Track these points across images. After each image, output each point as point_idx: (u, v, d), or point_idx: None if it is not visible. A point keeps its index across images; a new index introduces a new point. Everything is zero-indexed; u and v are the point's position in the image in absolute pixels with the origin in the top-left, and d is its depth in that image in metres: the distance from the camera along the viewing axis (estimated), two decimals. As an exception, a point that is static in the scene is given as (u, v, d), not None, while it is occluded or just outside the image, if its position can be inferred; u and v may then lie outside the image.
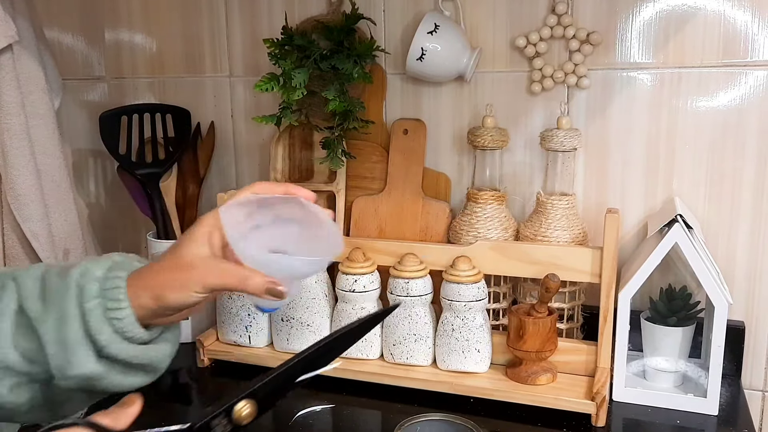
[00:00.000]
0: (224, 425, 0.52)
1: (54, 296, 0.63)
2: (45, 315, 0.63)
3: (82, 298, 0.63)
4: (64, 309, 0.62)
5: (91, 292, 0.63)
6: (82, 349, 0.62)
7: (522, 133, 1.11)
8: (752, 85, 1.00)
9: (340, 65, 1.07)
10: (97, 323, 0.62)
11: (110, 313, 0.63)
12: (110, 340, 0.62)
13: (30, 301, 0.64)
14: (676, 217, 0.93)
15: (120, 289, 0.63)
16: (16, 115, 1.06)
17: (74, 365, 0.62)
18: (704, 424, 0.92)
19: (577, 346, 0.99)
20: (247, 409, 0.52)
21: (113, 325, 0.63)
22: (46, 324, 0.62)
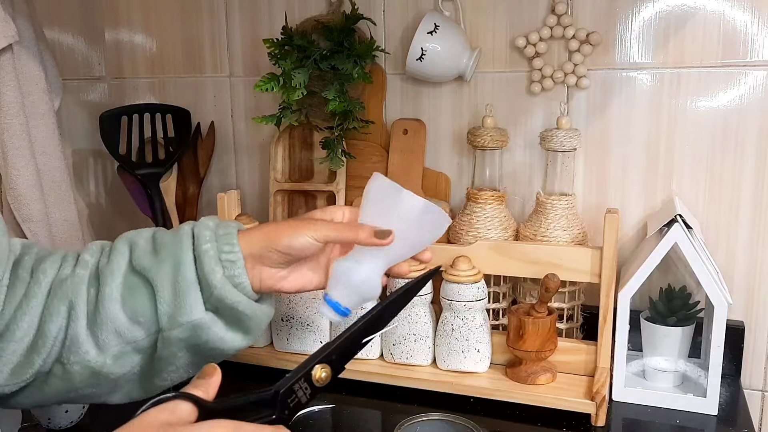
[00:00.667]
0: (304, 389, 0.56)
1: (167, 247, 0.67)
2: (159, 265, 0.66)
3: (198, 242, 0.67)
4: (178, 256, 0.66)
5: (205, 236, 0.67)
6: (193, 293, 0.65)
7: (522, 133, 1.11)
8: (752, 85, 1.00)
9: (340, 65, 1.07)
10: (210, 264, 0.66)
11: (223, 255, 0.66)
12: (221, 282, 0.66)
13: (142, 258, 0.67)
14: (675, 217, 0.93)
15: (232, 235, 0.68)
16: (16, 115, 1.06)
17: (185, 310, 0.65)
18: (704, 423, 0.92)
19: (576, 345, 0.99)
20: (323, 372, 0.57)
21: (225, 268, 0.66)
22: (160, 273, 0.66)
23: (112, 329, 0.66)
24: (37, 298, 0.66)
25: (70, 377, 0.67)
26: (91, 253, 0.70)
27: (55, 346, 0.66)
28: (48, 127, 1.13)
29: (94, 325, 0.66)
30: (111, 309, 0.65)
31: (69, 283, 0.67)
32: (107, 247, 0.71)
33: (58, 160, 1.14)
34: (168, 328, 0.66)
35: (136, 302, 0.66)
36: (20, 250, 0.71)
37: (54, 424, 0.90)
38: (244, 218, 1.05)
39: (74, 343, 0.66)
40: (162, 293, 0.66)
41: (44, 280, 0.67)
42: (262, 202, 1.27)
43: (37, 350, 0.65)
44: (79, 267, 0.68)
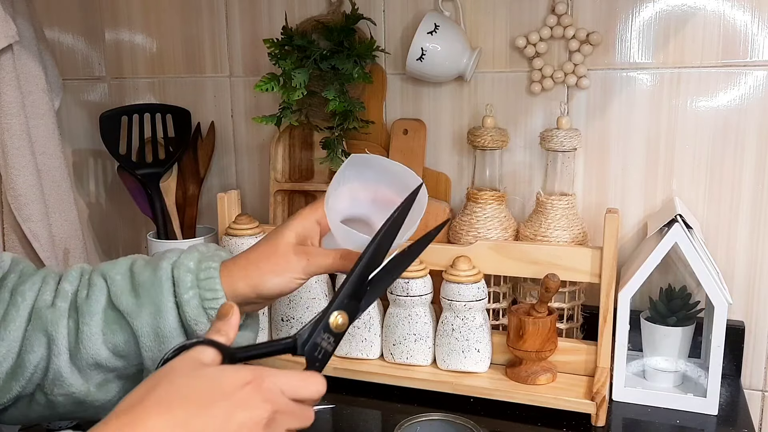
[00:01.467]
0: (327, 338, 0.57)
1: (147, 290, 0.65)
2: (139, 309, 0.65)
3: (179, 289, 0.65)
4: (159, 302, 0.65)
5: (186, 283, 0.65)
6: (176, 339, 0.65)
7: (522, 133, 1.11)
8: (752, 85, 1.00)
9: (340, 65, 1.07)
10: (194, 314, 0.65)
11: (207, 303, 0.65)
12: (206, 329, 0.64)
13: (121, 297, 0.66)
14: (675, 217, 0.93)
15: (215, 279, 0.66)
16: (16, 115, 1.06)
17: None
18: (704, 423, 0.92)
19: (576, 345, 0.99)
20: (340, 318, 0.58)
21: (209, 315, 0.65)
22: (140, 318, 0.65)
23: (93, 362, 0.66)
24: (16, 323, 0.66)
25: (54, 406, 0.67)
26: (70, 282, 0.69)
27: (35, 374, 0.66)
28: (48, 127, 1.13)
29: (76, 359, 0.66)
30: (92, 346, 0.65)
31: (49, 316, 0.66)
32: (86, 275, 0.69)
33: (58, 159, 1.14)
34: (153, 367, 0.66)
35: (117, 339, 0.66)
36: (8, 267, 0.70)
37: (54, 424, 0.90)
38: (244, 218, 1.05)
39: (57, 377, 0.65)
40: (144, 340, 0.65)
41: (23, 305, 0.66)
42: (262, 202, 1.27)
43: (16, 378, 0.65)
44: (58, 298, 0.67)
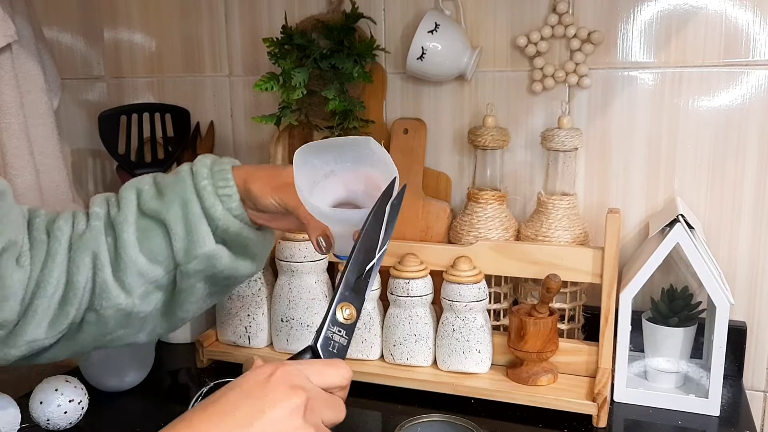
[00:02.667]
0: (338, 332, 0.58)
1: (171, 188, 0.72)
2: (168, 205, 0.71)
3: (196, 179, 0.72)
4: (183, 194, 0.72)
5: (203, 173, 0.72)
6: (203, 225, 0.71)
7: (523, 133, 1.11)
8: (754, 84, 0.99)
9: (340, 64, 1.07)
10: (210, 199, 0.71)
11: (220, 190, 0.72)
12: (222, 215, 0.71)
13: (150, 202, 0.72)
14: (677, 217, 0.92)
15: (226, 170, 0.73)
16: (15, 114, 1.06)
17: (198, 243, 0.71)
18: (706, 424, 0.92)
19: (578, 346, 0.98)
20: (347, 310, 0.59)
21: (223, 202, 0.72)
22: (170, 212, 0.71)
23: (135, 271, 0.71)
24: (60, 254, 0.71)
25: (104, 321, 0.72)
26: (99, 205, 0.74)
27: (85, 295, 0.71)
28: (47, 126, 1.13)
29: (118, 271, 0.71)
30: (131, 253, 0.71)
31: (88, 236, 0.71)
32: (112, 198, 0.75)
33: (57, 159, 1.14)
34: (185, 262, 0.71)
35: (152, 243, 0.71)
36: (29, 215, 0.74)
37: (53, 425, 0.89)
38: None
39: (104, 290, 0.71)
40: (175, 230, 0.71)
41: (63, 237, 0.71)
42: (262, 201, 1.27)
43: (70, 301, 0.70)
44: (93, 219, 0.73)
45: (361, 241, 0.61)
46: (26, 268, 0.69)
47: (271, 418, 0.47)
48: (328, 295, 1.05)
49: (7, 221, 0.69)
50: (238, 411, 0.47)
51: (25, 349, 0.70)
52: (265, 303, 1.08)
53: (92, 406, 0.93)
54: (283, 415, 0.47)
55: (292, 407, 0.48)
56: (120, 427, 0.93)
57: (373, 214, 0.61)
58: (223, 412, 0.47)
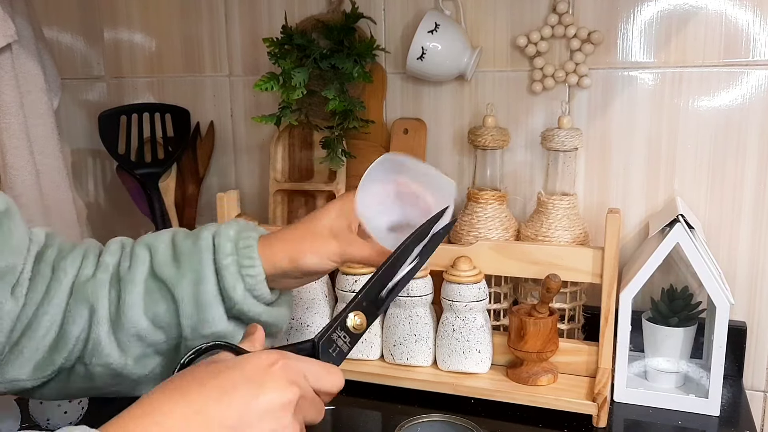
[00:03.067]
0: (343, 337, 0.58)
1: (188, 258, 0.67)
2: (180, 277, 0.67)
3: (218, 256, 0.67)
4: (199, 269, 0.66)
5: (226, 250, 0.67)
6: (215, 307, 0.66)
7: (523, 133, 1.11)
8: (754, 84, 0.99)
9: (340, 64, 1.07)
10: (231, 280, 0.66)
11: (244, 270, 0.67)
12: (242, 297, 0.67)
13: (163, 267, 0.67)
14: (677, 217, 0.92)
15: (253, 247, 0.68)
16: (15, 114, 1.06)
17: (208, 323, 0.66)
18: (706, 425, 0.92)
19: (578, 346, 0.98)
20: (358, 319, 0.58)
21: (245, 282, 0.67)
22: (181, 286, 0.66)
23: (133, 333, 0.67)
24: (58, 297, 0.67)
25: (92, 377, 0.68)
26: (111, 254, 0.70)
27: (77, 346, 0.67)
28: (47, 126, 1.13)
29: (116, 329, 0.67)
30: (133, 315, 0.66)
31: (90, 287, 0.67)
32: (128, 247, 0.71)
33: (56, 159, 1.14)
34: (191, 338, 0.67)
35: (158, 309, 0.67)
36: (44, 242, 0.71)
37: (53, 425, 0.89)
38: (243, 218, 1.04)
39: (96, 346, 0.67)
40: (184, 307, 0.67)
41: (65, 279, 0.68)
42: (262, 202, 1.27)
43: (59, 350, 0.66)
44: (99, 270, 0.68)
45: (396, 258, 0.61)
46: (20, 300, 0.66)
47: (263, 405, 0.48)
48: (328, 295, 1.05)
49: (8, 245, 0.65)
50: (236, 392, 0.48)
51: (6, 386, 0.67)
52: (265, 303, 1.07)
53: (92, 406, 0.93)
54: (274, 406, 0.48)
55: (284, 401, 0.49)
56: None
57: (416, 235, 0.62)
58: (222, 392, 0.48)
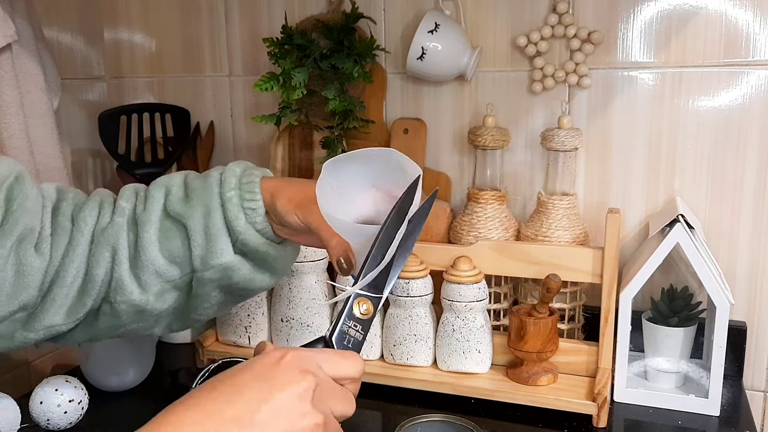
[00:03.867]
0: (353, 326, 0.57)
1: (198, 193, 0.72)
2: (191, 210, 0.71)
3: (223, 189, 0.71)
4: (208, 202, 0.71)
5: (230, 184, 0.72)
6: (222, 237, 0.71)
7: (523, 133, 1.11)
8: (754, 84, 0.99)
9: (340, 64, 1.07)
10: (234, 210, 0.71)
11: (245, 203, 0.71)
12: (244, 228, 0.71)
13: (176, 204, 0.73)
14: (677, 217, 0.92)
15: (255, 183, 0.72)
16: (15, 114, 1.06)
17: (216, 253, 0.71)
18: (706, 424, 0.92)
19: (578, 346, 0.98)
20: (363, 305, 0.58)
21: (247, 215, 0.71)
22: (193, 218, 0.71)
23: (152, 270, 0.72)
24: (81, 245, 0.72)
25: (118, 314, 0.73)
26: (126, 199, 0.75)
27: (102, 287, 0.72)
28: (47, 126, 1.12)
29: (135, 268, 0.72)
30: (150, 252, 0.71)
31: (110, 231, 0.72)
32: (141, 192, 0.75)
33: (57, 159, 1.14)
34: (201, 270, 0.72)
35: (172, 245, 0.72)
36: (56, 196, 0.75)
37: (53, 425, 0.89)
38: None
39: (119, 284, 0.72)
40: (195, 238, 0.71)
41: (86, 228, 0.72)
42: (262, 201, 1.27)
43: (87, 292, 0.72)
44: (117, 215, 0.73)
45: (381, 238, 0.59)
46: (46, 255, 0.71)
47: (279, 401, 0.47)
48: (328, 295, 1.06)
49: (24, 209, 0.69)
50: (247, 392, 0.47)
51: (43, 333, 0.72)
52: (265, 303, 1.08)
53: (92, 406, 0.93)
54: (291, 398, 0.47)
55: (299, 391, 0.47)
56: (120, 427, 0.93)
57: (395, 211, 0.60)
58: (233, 393, 0.47)
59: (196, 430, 0.45)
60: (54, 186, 0.76)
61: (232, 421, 0.45)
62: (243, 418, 0.45)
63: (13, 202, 0.69)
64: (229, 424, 0.45)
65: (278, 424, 0.46)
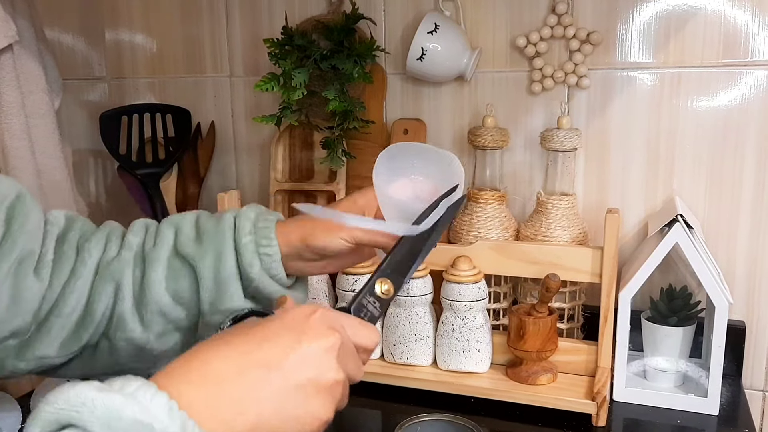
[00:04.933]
0: (372, 303, 0.60)
1: (210, 237, 0.70)
2: (202, 254, 0.69)
3: (238, 234, 0.70)
4: (220, 247, 0.69)
5: (245, 229, 0.70)
6: (234, 283, 0.69)
7: (522, 133, 1.11)
8: (752, 84, 1.00)
9: (340, 65, 1.07)
10: (249, 257, 0.69)
11: (261, 249, 0.69)
12: (259, 275, 0.69)
13: (186, 246, 0.70)
14: (676, 216, 0.92)
15: (270, 228, 0.70)
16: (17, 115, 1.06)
17: (226, 299, 0.69)
18: (705, 424, 0.92)
19: (577, 346, 0.99)
20: (385, 285, 0.61)
21: (262, 261, 0.69)
22: (203, 262, 0.69)
23: (156, 309, 0.69)
24: (84, 277, 0.69)
25: (116, 352, 0.71)
26: (135, 234, 0.73)
27: (101, 322, 0.70)
28: (48, 127, 1.13)
29: (139, 305, 0.70)
30: (156, 291, 0.69)
31: (115, 265, 0.70)
32: (152, 228, 0.74)
33: (58, 160, 1.14)
34: (209, 314, 0.70)
35: (180, 285, 0.70)
36: (64, 224, 0.73)
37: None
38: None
39: (120, 321, 0.69)
40: (204, 282, 0.69)
41: (90, 260, 0.70)
42: (262, 202, 1.26)
43: (85, 326, 0.69)
44: (124, 249, 0.71)
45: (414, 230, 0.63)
46: (45, 281, 0.68)
47: (307, 351, 0.48)
48: (328, 295, 1.06)
49: (23, 231, 0.67)
50: (277, 339, 0.48)
51: (34, 364, 0.69)
52: (265, 303, 1.08)
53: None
54: (318, 350, 0.49)
55: (327, 346, 0.49)
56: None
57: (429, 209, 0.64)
58: (263, 338, 0.48)
59: (224, 365, 0.46)
60: (63, 213, 0.74)
61: (260, 362, 0.47)
62: (271, 362, 0.47)
63: (14, 222, 0.67)
64: (257, 364, 0.47)
65: (304, 373, 0.48)
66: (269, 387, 0.47)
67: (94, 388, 0.42)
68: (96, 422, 0.40)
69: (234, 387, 0.46)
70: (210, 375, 0.46)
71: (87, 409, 0.40)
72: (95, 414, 0.40)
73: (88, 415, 0.40)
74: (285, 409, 0.47)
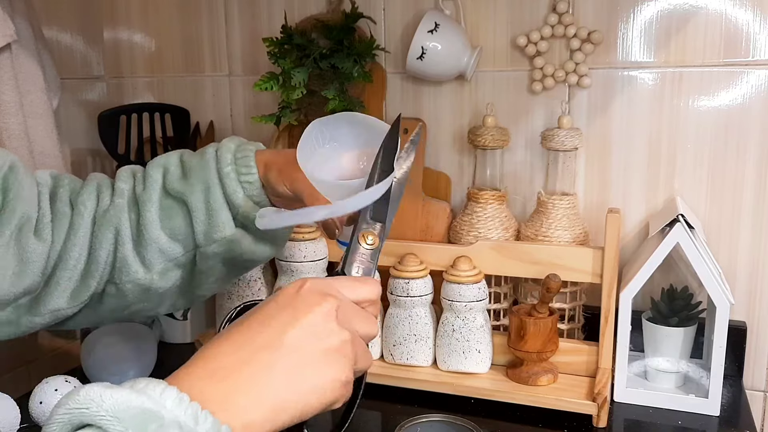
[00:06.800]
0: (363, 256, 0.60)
1: (196, 171, 0.73)
2: (191, 188, 0.73)
3: (220, 165, 0.73)
4: (206, 179, 0.72)
5: (227, 159, 0.73)
6: (224, 211, 0.72)
7: (523, 133, 1.11)
8: (754, 84, 0.99)
9: (339, 64, 1.07)
10: (232, 185, 0.72)
11: (242, 177, 0.72)
12: (243, 202, 0.72)
13: (175, 183, 0.74)
14: (677, 216, 0.92)
15: (249, 158, 0.73)
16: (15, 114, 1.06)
17: (218, 227, 0.72)
18: (706, 424, 0.92)
19: (578, 346, 0.98)
20: (369, 237, 0.61)
21: (244, 189, 0.72)
22: (193, 195, 0.72)
23: (155, 249, 0.73)
24: (83, 228, 0.73)
25: (124, 295, 0.74)
26: (124, 180, 0.76)
27: (106, 268, 0.74)
28: (46, 126, 1.12)
29: (139, 247, 0.73)
30: (152, 231, 0.72)
31: (111, 213, 0.73)
32: (139, 173, 0.77)
33: (56, 159, 1.14)
34: (204, 245, 0.73)
35: (174, 222, 0.73)
36: (52, 182, 0.76)
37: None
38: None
39: (124, 264, 0.73)
40: (197, 214, 0.72)
41: (86, 212, 0.74)
42: (262, 201, 1.27)
43: (91, 274, 0.73)
44: (116, 197, 0.74)
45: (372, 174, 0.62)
46: (47, 240, 0.72)
47: (305, 324, 0.49)
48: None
49: (20, 197, 0.70)
50: (273, 321, 0.50)
51: (49, 317, 0.73)
52: (265, 303, 1.07)
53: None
54: (316, 319, 0.50)
55: (324, 311, 0.50)
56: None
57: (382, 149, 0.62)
58: (260, 323, 0.50)
59: (229, 360, 0.47)
60: (48, 172, 0.77)
61: (263, 347, 0.48)
62: (273, 343, 0.48)
63: (9, 192, 0.70)
64: (261, 350, 0.48)
65: (308, 345, 0.49)
66: (277, 367, 0.48)
67: (102, 387, 0.42)
68: (105, 414, 0.41)
69: (243, 377, 0.47)
70: (218, 372, 0.47)
71: (96, 404, 0.41)
72: (103, 407, 0.41)
73: (97, 408, 0.41)
74: (299, 383, 0.48)
